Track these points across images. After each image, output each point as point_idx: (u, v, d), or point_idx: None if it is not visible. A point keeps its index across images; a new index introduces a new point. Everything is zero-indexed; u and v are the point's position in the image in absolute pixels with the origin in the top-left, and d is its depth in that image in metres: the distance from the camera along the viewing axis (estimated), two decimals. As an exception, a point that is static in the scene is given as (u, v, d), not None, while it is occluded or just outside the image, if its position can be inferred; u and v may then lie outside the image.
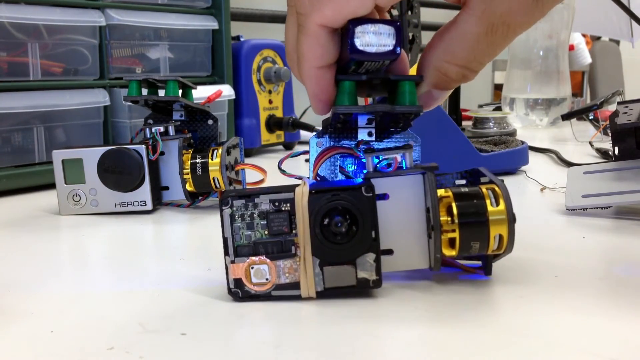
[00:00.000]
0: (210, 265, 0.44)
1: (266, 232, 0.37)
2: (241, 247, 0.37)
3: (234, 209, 0.37)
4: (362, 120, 0.41)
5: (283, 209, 0.36)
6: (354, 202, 0.36)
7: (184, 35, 0.93)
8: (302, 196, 0.36)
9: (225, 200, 0.37)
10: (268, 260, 0.37)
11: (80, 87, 0.79)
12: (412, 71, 0.79)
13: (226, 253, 0.37)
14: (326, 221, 0.36)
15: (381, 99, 0.41)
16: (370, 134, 0.42)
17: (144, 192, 0.61)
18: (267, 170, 0.60)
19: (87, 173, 0.61)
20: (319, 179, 0.43)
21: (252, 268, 0.37)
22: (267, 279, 0.37)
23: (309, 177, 0.40)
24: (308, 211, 0.36)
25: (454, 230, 0.37)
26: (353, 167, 0.43)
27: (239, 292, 0.37)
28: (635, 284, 0.39)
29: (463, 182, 0.40)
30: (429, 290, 0.38)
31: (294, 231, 0.36)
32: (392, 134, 0.43)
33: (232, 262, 0.37)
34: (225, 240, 0.37)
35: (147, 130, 0.62)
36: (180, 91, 0.64)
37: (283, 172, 0.43)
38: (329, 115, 0.39)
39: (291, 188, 0.36)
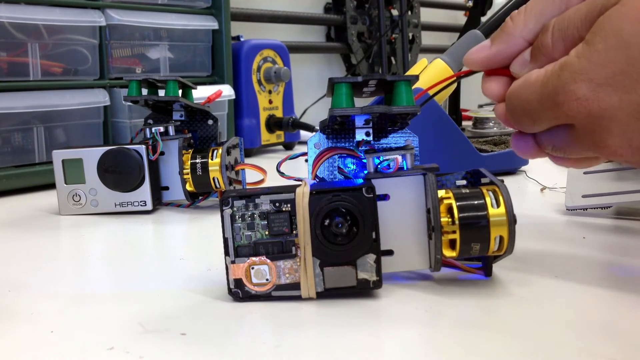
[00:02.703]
0: (210, 265, 0.44)
1: (267, 233, 0.37)
2: (241, 247, 0.37)
3: (235, 209, 0.37)
4: (359, 121, 0.41)
5: (284, 209, 0.36)
6: (354, 202, 0.36)
7: (184, 35, 0.93)
8: (302, 197, 0.36)
9: (225, 201, 0.37)
10: (268, 261, 0.37)
11: (80, 87, 0.79)
12: (412, 71, 0.79)
13: (226, 253, 0.37)
14: (327, 222, 0.36)
15: (379, 99, 0.41)
16: (367, 134, 0.42)
17: (144, 192, 0.61)
18: (267, 171, 0.60)
19: (87, 173, 0.61)
20: (317, 180, 0.43)
21: (253, 268, 0.37)
22: (267, 280, 0.37)
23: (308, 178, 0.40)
24: (309, 212, 0.36)
25: (454, 232, 0.37)
26: (353, 166, 0.43)
27: (239, 292, 0.37)
28: (635, 284, 0.39)
29: (464, 182, 0.40)
30: (429, 290, 0.38)
31: (294, 232, 0.36)
32: (389, 133, 0.43)
33: (233, 262, 0.37)
34: (225, 240, 0.37)
35: (147, 130, 0.62)
36: (180, 91, 0.64)
37: (282, 174, 0.43)
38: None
39: (292, 188, 0.36)
